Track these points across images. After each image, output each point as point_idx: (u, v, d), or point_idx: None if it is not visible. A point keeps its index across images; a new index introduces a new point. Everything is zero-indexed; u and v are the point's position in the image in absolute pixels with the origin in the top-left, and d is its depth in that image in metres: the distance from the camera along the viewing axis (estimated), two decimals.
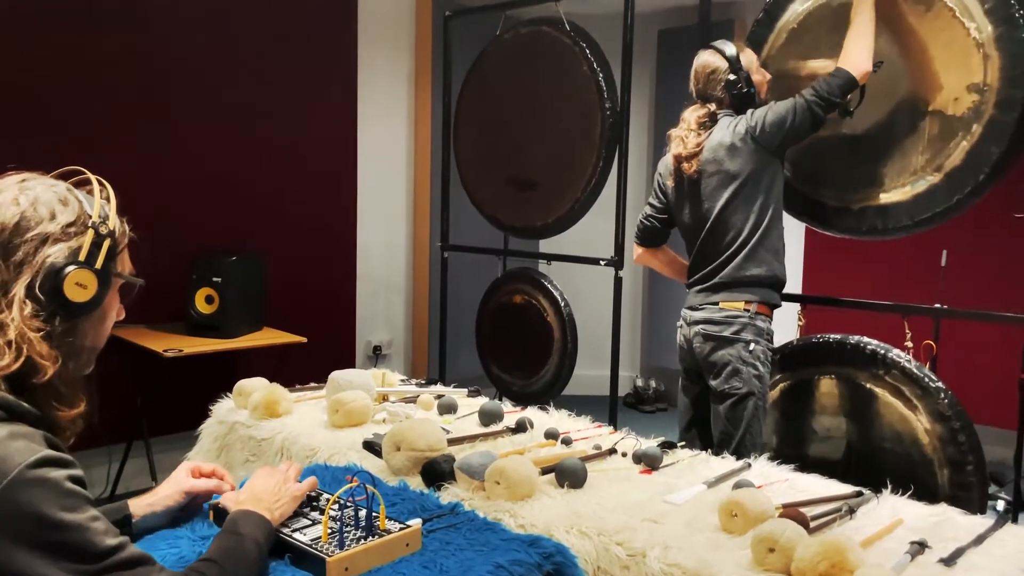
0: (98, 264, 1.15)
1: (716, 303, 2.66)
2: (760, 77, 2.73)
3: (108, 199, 1.21)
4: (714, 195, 2.66)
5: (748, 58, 2.71)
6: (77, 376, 1.17)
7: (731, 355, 2.60)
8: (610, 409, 3.63)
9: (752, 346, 2.59)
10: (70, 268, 1.12)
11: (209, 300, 3.51)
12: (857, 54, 2.54)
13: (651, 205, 2.92)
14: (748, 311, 2.61)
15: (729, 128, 2.63)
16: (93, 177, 1.21)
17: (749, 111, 2.64)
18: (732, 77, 2.65)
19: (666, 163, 2.81)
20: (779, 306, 2.71)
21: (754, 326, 2.61)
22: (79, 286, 1.13)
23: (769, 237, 2.64)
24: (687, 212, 2.78)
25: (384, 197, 4.80)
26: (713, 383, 2.65)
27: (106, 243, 1.17)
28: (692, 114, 2.74)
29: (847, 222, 2.79)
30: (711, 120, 2.70)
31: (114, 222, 1.20)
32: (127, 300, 1.27)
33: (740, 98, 2.67)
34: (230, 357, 3.74)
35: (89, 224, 1.15)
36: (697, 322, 2.69)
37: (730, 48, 2.67)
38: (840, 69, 2.54)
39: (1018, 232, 3.82)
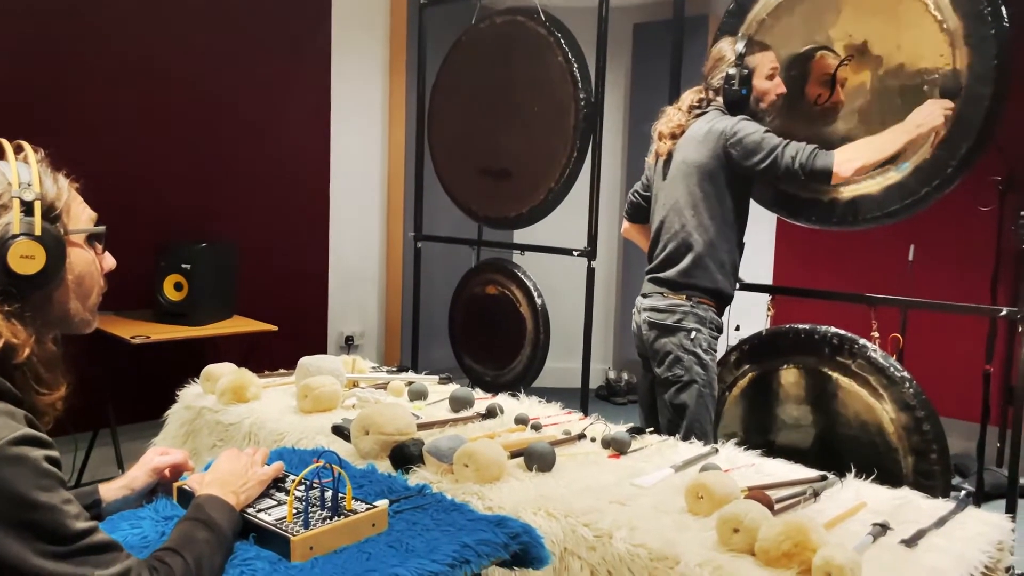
0: (36, 230, 1.12)
1: (662, 292, 2.68)
2: (768, 84, 2.63)
3: (27, 160, 1.16)
4: (673, 182, 2.67)
5: (758, 60, 2.62)
6: (56, 358, 1.16)
7: (673, 343, 2.61)
8: (582, 400, 3.64)
9: (694, 334, 2.59)
10: (8, 244, 1.09)
11: (178, 287, 3.47)
12: (852, 157, 2.45)
13: (640, 181, 2.94)
14: (691, 300, 2.62)
15: (710, 123, 2.61)
16: (3, 142, 1.17)
17: (738, 117, 2.57)
18: (731, 71, 2.60)
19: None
20: (720, 315, 2.68)
21: (695, 314, 2.61)
22: (25, 258, 1.10)
23: (717, 249, 2.61)
24: (653, 193, 2.80)
25: (357, 186, 4.76)
26: (657, 371, 2.67)
27: (37, 206, 1.13)
28: (689, 95, 2.73)
29: (817, 213, 2.82)
30: (702, 107, 2.68)
31: (39, 182, 1.15)
32: (104, 246, 1.25)
33: (731, 95, 2.60)
34: (199, 345, 3.70)
35: (12, 195, 1.12)
36: (645, 309, 2.71)
37: (741, 43, 2.62)
38: (830, 156, 2.45)
39: (984, 226, 3.87)
